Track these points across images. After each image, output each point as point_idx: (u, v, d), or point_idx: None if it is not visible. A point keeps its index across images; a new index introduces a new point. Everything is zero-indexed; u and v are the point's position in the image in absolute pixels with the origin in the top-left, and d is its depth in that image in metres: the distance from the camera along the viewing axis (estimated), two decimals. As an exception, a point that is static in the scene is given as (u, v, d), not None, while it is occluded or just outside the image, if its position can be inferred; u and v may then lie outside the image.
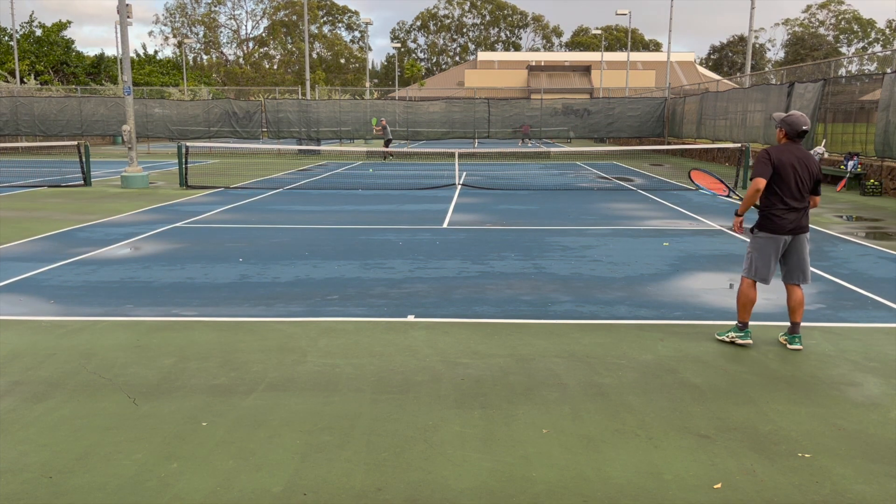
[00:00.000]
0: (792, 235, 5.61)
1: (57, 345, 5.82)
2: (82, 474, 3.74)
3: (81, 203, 15.34)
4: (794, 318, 5.72)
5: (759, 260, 5.68)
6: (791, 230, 5.58)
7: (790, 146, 5.57)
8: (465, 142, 37.41)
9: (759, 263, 5.67)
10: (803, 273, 5.71)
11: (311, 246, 10.34)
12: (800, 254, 5.68)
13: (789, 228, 5.57)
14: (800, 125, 5.51)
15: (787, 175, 5.49)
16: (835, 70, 23.36)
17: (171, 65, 70.27)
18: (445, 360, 5.45)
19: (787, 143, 5.59)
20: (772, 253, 5.63)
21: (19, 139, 35.71)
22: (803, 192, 5.57)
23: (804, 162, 5.53)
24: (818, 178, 5.62)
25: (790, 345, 5.71)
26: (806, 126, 5.51)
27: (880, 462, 3.88)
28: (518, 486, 3.63)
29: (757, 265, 5.69)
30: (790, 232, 5.59)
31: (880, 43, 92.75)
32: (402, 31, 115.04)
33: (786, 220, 5.56)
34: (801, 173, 5.51)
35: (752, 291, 5.74)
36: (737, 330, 5.81)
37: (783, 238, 5.60)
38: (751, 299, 5.74)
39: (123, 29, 20.13)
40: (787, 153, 5.52)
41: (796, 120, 5.52)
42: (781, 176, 5.49)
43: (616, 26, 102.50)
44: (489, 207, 14.71)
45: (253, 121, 35.22)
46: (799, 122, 5.51)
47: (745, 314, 5.77)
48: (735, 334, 5.80)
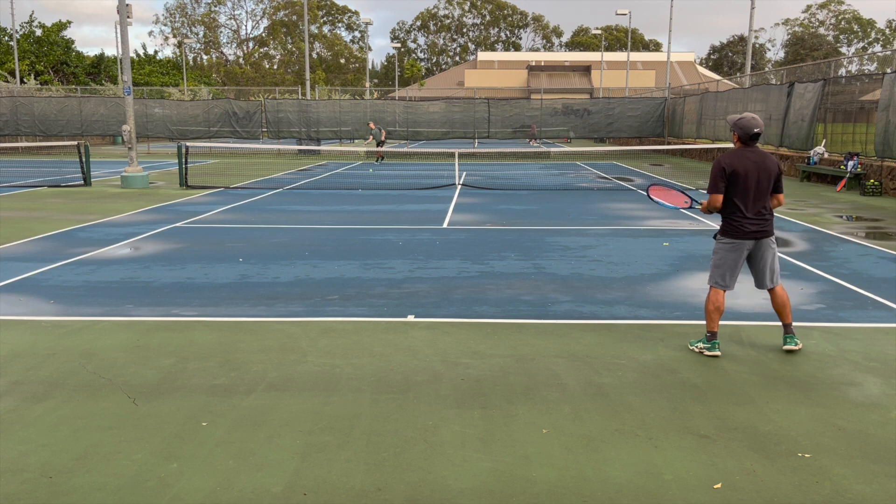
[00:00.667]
0: (755, 240, 5.50)
1: (57, 345, 5.82)
2: (82, 474, 3.74)
3: (81, 203, 15.35)
4: (784, 320, 5.66)
5: (720, 265, 5.57)
6: (754, 235, 5.47)
7: (745, 151, 5.45)
8: (465, 142, 37.41)
9: (722, 269, 5.56)
10: (773, 276, 5.61)
11: (311, 246, 10.34)
12: (766, 258, 5.57)
13: (752, 233, 5.46)
14: (751, 128, 5.39)
15: (744, 182, 5.38)
16: (835, 70, 23.36)
17: (171, 65, 70.28)
18: (445, 360, 5.45)
19: (742, 147, 5.48)
20: (736, 259, 5.52)
21: (19, 139, 35.71)
22: (764, 195, 5.46)
23: (761, 165, 5.41)
24: (778, 175, 5.50)
25: (785, 345, 5.67)
26: (758, 129, 5.39)
27: (880, 462, 3.88)
28: (518, 486, 3.63)
29: (719, 270, 5.58)
30: (753, 236, 5.47)
31: (880, 43, 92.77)
32: (402, 31, 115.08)
33: (748, 226, 5.44)
34: (760, 177, 5.40)
35: (719, 300, 5.59)
36: (705, 341, 5.63)
37: (747, 243, 5.49)
38: (718, 308, 5.57)
39: (123, 29, 20.13)
40: (742, 159, 5.40)
41: (748, 123, 5.41)
42: (738, 184, 5.39)
43: (616, 26, 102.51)
44: (489, 207, 14.71)
45: (253, 121, 35.23)
46: (751, 126, 5.39)
47: (713, 324, 5.58)
48: (703, 345, 5.62)
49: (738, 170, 5.38)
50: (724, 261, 5.56)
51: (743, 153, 5.44)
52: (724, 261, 5.56)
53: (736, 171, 5.38)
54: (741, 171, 5.38)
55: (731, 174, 5.39)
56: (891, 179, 17.07)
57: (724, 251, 5.56)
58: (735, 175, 5.38)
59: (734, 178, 5.39)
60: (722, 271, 5.57)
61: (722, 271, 5.57)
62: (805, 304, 7.16)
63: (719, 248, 5.61)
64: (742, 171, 5.38)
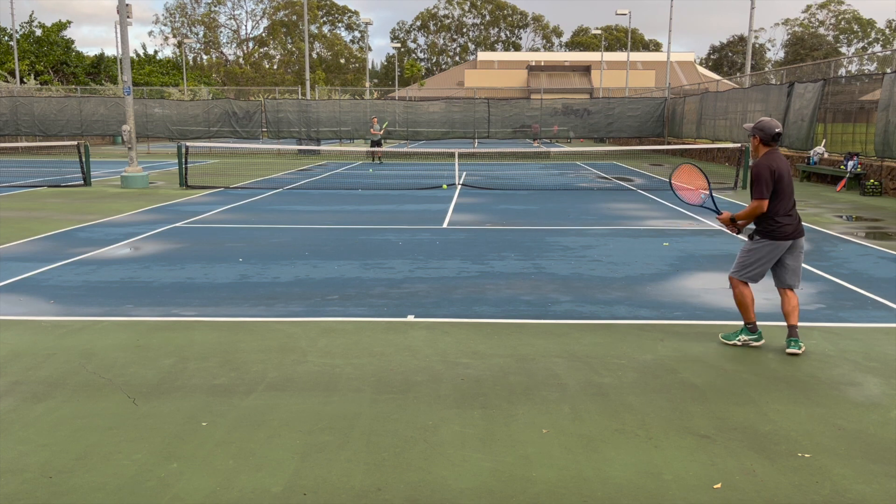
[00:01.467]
0: (792, 240, 5.59)
1: (57, 345, 5.82)
2: (82, 474, 3.74)
3: (81, 203, 15.35)
4: (791, 322, 5.68)
5: (755, 264, 5.61)
6: (793, 234, 5.56)
7: (776, 154, 5.52)
8: (465, 142, 37.41)
9: (756, 268, 5.62)
10: (797, 277, 5.68)
11: (311, 246, 10.34)
12: (796, 258, 5.65)
13: (792, 233, 5.55)
14: (773, 129, 5.46)
15: (784, 183, 5.47)
16: (835, 70, 23.36)
17: (171, 65, 70.28)
18: (445, 360, 5.45)
19: (771, 150, 5.53)
20: (771, 259, 5.59)
21: (19, 139, 35.70)
22: (793, 194, 5.58)
23: (788, 166, 5.54)
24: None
25: (789, 348, 5.66)
26: (779, 129, 5.46)
27: (880, 462, 3.88)
28: (518, 486, 3.63)
29: (752, 268, 5.62)
30: (793, 236, 5.57)
31: (880, 43, 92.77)
32: (401, 31, 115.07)
33: (788, 227, 5.52)
34: (790, 178, 5.53)
35: (747, 289, 5.70)
36: (748, 332, 5.77)
37: (785, 244, 5.57)
38: (750, 298, 5.70)
39: (123, 29, 20.12)
40: (779, 161, 5.48)
41: (769, 124, 5.47)
42: (780, 186, 5.46)
43: (616, 26, 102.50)
44: (489, 207, 14.71)
45: (253, 121, 35.23)
46: (772, 126, 5.46)
47: (750, 314, 5.72)
48: (747, 337, 5.76)
49: (782, 171, 5.46)
50: (761, 260, 5.59)
51: (777, 156, 5.50)
52: (761, 260, 5.59)
53: (781, 173, 5.45)
54: (784, 172, 5.46)
55: (777, 178, 5.44)
56: (891, 179, 17.07)
57: (762, 251, 5.58)
58: (780, 177, 5.44)
59: (779, 180, 5.45)
60: (757, 270, 5.62)
61: (757, 270, 5.62)
62: (805, 304, 7.16)
63: (757, 248, 5.61)
64: (783, 172, 5.46)
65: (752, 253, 5.65)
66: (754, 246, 5.65)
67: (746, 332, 5.78)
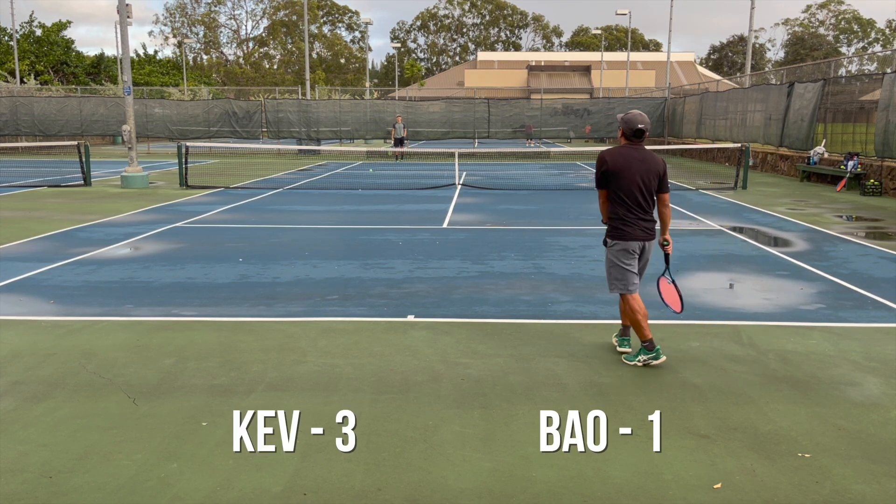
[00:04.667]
0: (644, 242, 5.34)
1: (57, 345, 5.82)
2: (82, 474, 3.74)
3: (81, 203, 15.35)
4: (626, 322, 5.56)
5: (621, 272, 5.35)
6: (643, 237, 5.31)
7: (629, 147, 5.25)
8: (465, 142, 37.41)
9: (624, 275, 5.35)
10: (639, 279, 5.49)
11: (311, 246, 10.34)
12: (646, 261, 5.46)
13: (641, 235, 5.30)
14: (635, 123, 5.19)
15: (628, 179, 5.18)
16: (835, 70, 23.36)
17: (171, 65, 70.28)
18: (445, 360, 5.45)
19: (627, 143, 5.28)
20: (630, 261, 5.34)
21: (19, 139, 35.70)
22: (649, 194, 5.25)
23: (646, 163, 5.21)
24: (663, 174, 5.27)
25: (620, 347, 5.57)
26: (642, 125, 5.19)
27: (880, 462, 3.88)
28: (518, 486, 3.63)
29: (623, 277, 5.35)
30: (642, 238, 5.31)
31: (880, 43, 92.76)
32: (402, 31, 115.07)
33: (637, 227, 5.27)
34: (644, 176, 5.19)
35: (636, 302, 5.33)
36: (645, 352, 5.32)
37: (638, 244, 5.32)
38: (642, 313, 5.31)
39: (123, 29, 20.12)
40: (625, 156, 5.21)
41: (632, 118, 5.20)
42: (622, 181, 5.19)
43: (616, 26, 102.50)
44: (489, 207, 14.71)
45: (253, 121, 35.23)
46: (634, 121, 5.19)
47: (645, 331, 5.31)
48: (646, 356, 5.31)
49: (621, 166, 5.17)
50: (620, 265, 5.34)
51: (627, 150, 5.23)
52: (620, 265, 5.34)
53: (618, 167, 5.17)
54: (624, 167, 5.17)
55: (612, 170, 5.18)
56: (891, 179, 17.07)
57: (618, 256, 5.33)
58: (617, 171, 5.17)
59: (616, 176, 5.18)
60: (623, 276, 5.35)
61: (623, 276, 5.35)
62: (805, 304, 7.16)
63: (612, 254, 5.35)
64: (625, 168, 5.17)
65: (611, 260, 5.38)
66: (609, 251, 5.39)
67: (644, 351, 5.33)
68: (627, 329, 5.65)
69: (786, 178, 22.19)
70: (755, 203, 15.42)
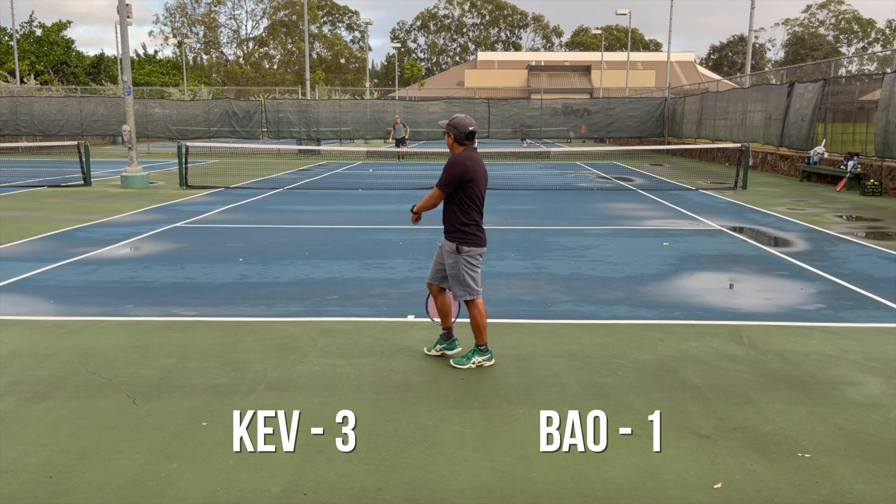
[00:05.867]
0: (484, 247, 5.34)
1: (57, 345, 5.82)
2: (82, 474, 3.74)
3: (81, 203, 15.34)
4: (449, 323, 5.51)
5: (475, 278, 5.26)
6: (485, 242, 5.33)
7: (473, 152, 5.22)
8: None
9: (476, 280, 5.27)
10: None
11: (311, 246, 10.34)
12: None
13: (485, 241, 5.32)
14: (466, 126, 5.15)
15: (481, 185, 5.20)
16: (835, 70, 23.37)
17: (171, 65, 70.25)
18: (445, 360, 5.45)
19: (468, 148, 5.21)
20: (480, 266, 5.32)
21: (19, 139, 35.70)
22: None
23: (485, 171, 5.28)
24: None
25: (450, 351, 5.50)
26: (472, 128, 5.17)
27: (880, 462, 3.88)
28: (518, 486, 3.63)
29: (476, 283, 5.27)
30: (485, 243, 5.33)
31: (880, 43, 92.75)
32: (402, 31, 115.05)
33: (483, 232, 5.29)
34: (483, 179, 5.25)
35: (484, 307, 5.34)
36: (480, 353, 5.34)
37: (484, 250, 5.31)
38: (486, 319, 5.36)
39: (123, 29, 20.12)
40: (478, 162, 5.19)
41: (462, 122, 5.16)
42: (476, 188, 5.18)
43: (616, 26, 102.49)
44: (489, 207, 14.64)
45: (253, 121, 35.23)
46: (464, 124, 5.16)
47: (484, 335, 5.34)
48: (480, 358, 5.33)
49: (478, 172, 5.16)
50: (474, 270, 5.27)
51: (475, 155, 5.21)
52: (474, 270, 5.27)
53: (476, 176, 5.16)
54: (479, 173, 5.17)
55: (472, 177, 5.14)
56: (891, 179, 17.07)
57: (474, 261, 5.25)
58: (475, 178, 5.16)
59: (474, 181, 5.16)
60: (477, 281, 5.29)
61: (477, 281, 5.29)
62: (805, 304, 7.16)
63: (468, 259, 5.23)
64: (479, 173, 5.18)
65: (467, 265, 5.24)
66: (464, 258, 5.23)
67: (479, 352, 5.35)
68: (451, 332, 5.50)
69: (786, 178, 22.19)
70: (755, 203, 15.42)
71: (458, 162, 5.14)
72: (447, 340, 5.54)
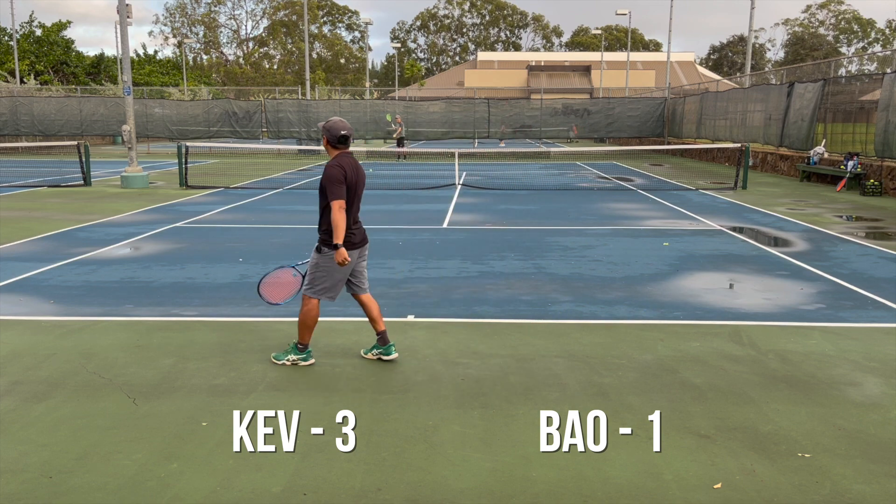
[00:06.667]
0: (359, 248, 5.35)
1: (57, 345, 5.82)
2: (82, 474, 3.74)
3: (81, 203, 15.34)
4: (381, 327, 5.45)
5: (330, 279, 5.22)
6: (360, 244, 5.33)
7: (348, 156, 5.21)
8: (465, 142, 37.40)
9: (331, 282, 5.23)
10: (366, 279, 5.48)
11: (311, 246, 10.30)
12: (363, 264, 5.45)
13: (359, 242, 5.31)
14: (338, 130, 5.14)
15: (355, 188, 5.18)
16: (835, 70, 23.37)
17: (171, 65, 70.25)
18: (445, 360, 5.45)
19: (342, 152, 5.20)
20: (345, 270, 5.25)
21: (19, 139, 35.70)
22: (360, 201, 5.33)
23: (359, 170, 5.26)
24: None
25: (386, 356, 5.44)
26: (345, 131, 5.16)
27: (880, 462, 3.88)
28: (518, 486, 3.63)
29: (327, 284, 5.23)
30: (359, 245, 5.33)
31: (880, 43, 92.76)
32: (402, 31, 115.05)
33: (356, 235, 5.28)
34: (361, 184, 5.25)
35: (317, 309, 5.32)
36: (297, 352, 5.36)
37: (355, 253, 5.30)
38: (316, 320, 5.33)
39: (123, 29, 20.12)
40: (354, 167, 5.18)
41: (335, 125, 5.15)
42: (352, 191, 5.16)
43: (616, 26, 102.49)
44: (489, 207, 14.71)
45: (253, 121, 35.23)
46: (337, 127, 5.14)
47: (308, 335, 5.34)
48: (297, 356, 5.34)
49: (353, 177, 5.15)
50: (332, 273, 5.21)
51: (349, 159, 5.19)
52: (332, 273, 5.21)
53: (352, 178, 5.14)
54: (354, 177, 5.16)
55: (350, 182, 5.13)
56: (891, 179, 17.07)
57: (334, 264, 5.16)
58: (351, 182, 5.14)
59: (350, 186, 5.14)
60: (328, 284, 5.23)
61: (328, 284, 5.23)
62: (805, 304, 7.16)
63: (327, 261, 5.19)
64: (354, 178, 5.16)
65: (322, 266, 5.21)
66: (323, 258, 5.21)
67: (295, 350, 5.36)
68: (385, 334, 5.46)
69: (786, 178, 22.19)
70: (755, 203, 15.42)
71: (335, 168, 5.11)
72: (383, 345, 5.48)
